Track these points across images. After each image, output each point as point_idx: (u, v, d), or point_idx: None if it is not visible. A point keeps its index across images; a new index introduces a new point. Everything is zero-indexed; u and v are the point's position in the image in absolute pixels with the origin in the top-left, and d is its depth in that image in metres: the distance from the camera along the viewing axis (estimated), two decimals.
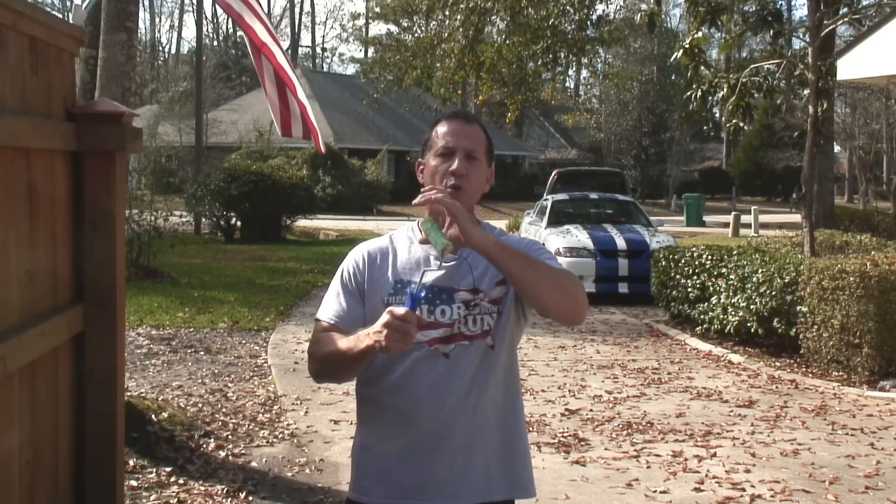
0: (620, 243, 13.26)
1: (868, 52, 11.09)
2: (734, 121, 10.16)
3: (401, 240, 2.42)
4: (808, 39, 10.77)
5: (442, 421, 2.28)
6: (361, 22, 63.38)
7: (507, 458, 2.36)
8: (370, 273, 2.37)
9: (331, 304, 2.39)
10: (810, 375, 8.15)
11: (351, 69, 68.04)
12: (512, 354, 2.40)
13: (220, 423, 6.35)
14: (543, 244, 2.48)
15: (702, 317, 9.85)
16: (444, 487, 2.30)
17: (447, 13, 22.17)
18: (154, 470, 5.18)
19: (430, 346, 2.29)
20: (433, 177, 2.32)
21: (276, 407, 6.92)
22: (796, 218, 24.24)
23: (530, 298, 2.20)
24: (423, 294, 2.17)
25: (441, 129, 2.35)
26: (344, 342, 2.23)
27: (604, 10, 40.83)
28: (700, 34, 9.92)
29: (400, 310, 2.05)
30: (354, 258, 2.41)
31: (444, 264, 2.32)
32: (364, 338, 2.15)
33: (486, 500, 2.32)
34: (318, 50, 77.53)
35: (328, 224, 26.26)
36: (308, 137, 6.20)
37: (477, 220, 2.28)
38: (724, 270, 9.56)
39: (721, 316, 9.41)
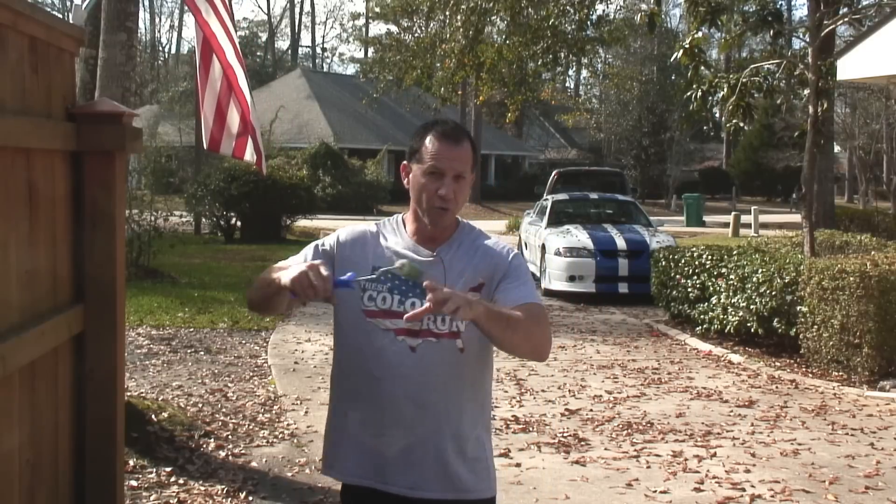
0: (620, 243, 13.27)
1: (868, 52, 11.09)
2: (734, 121, 10.15)
3: (386, 230, 2.53)
4: (808, 39, 10.76)
5: (404, 412, 2.38)
6: (361, 22, 63.38)
7: (463, 461, 2.43)
8: (350, 256, 2.47)
9: (300, 258, 2.50)
10: (810, 375, 8.15)
11: (351, 69, 68.13)
12: (483, 363, 2.48)
13: (220, 423, 6.35)
14: (522, 252, 2.50)
15: (702, 317, 9.85)
16: (400, 477, 2.40)
17: (447, 13, 22.16)
18: (154, 470, 5.18)
19: (397, 335, 2.39)
20: (421, 193, 2.42)
21: (276, 407, 6.92)
22: (796, 218, 24.24)
23: (503, 349, 2.33)
24: (354, 281, 2.28)
25: (431, 147, 2.41)
26: (276, 272, 2.33)
27: (604, 10, 40.82)
28: (700, 34, 9.91)
29: (325, 270, 2.17)
30: (335, 238, 2.54)
31: (422, 259, 2.42)
32: (285, 273, 2.23)
33: (436, 497, 2.41)
34: (318, 50, 77.59)
35: (328, 224, 26.22)
36: (241, 156, 6.26)
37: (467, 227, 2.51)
38: (724, 270, 9.56)
39: (721, 316, 9.41)
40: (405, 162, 2.50)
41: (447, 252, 2.45)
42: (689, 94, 10.32)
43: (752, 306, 8.89)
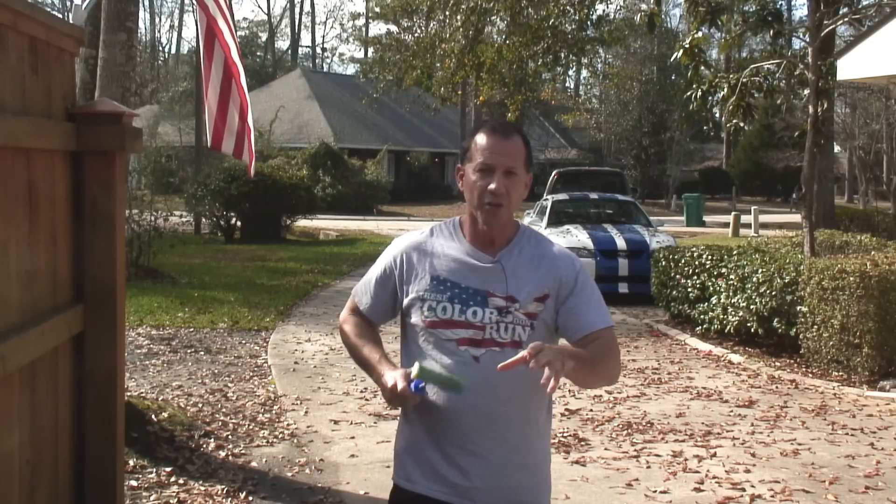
0: (620, 243, 13.26)
1: (868, 52, 11.08)
2: (734, 121, 10.15)
3: (441, 236, 2.47)
4: (808, 39, 10.76)
5: (470, 424, 2.33)
6: (361, 22, 63.41)
7: (525, 470, 2.39)
8: (409, 268, 2.43)
9: (367, 290, 2.53)
10: (810, 375, 8.15)
11: (351, 69, 68.13)
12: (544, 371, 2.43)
13: (220, 423, 6.35)
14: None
15: (702, 317, 9.84)
16: (461, 487, 2.35)
17: (447, 13, 22.18)
18: (154, 470, 5.18)
19: (458, 344, 2.34)
20: (472, 191, 2.37)
21: (276, 407, 6.92)
22: (796, 218, 24.24)
23: (578, 386, 2.44)
24: (422, 387, 2.26)
25: (481, 142, 2.37)
26: (366, 354, 2.43)
27: (604, 10, 40.84)
28: (700, 34, 9.91)
29: (402, 384, 2.22)
30: (394, 253, 2.48)
31: (482, 266, 2.38)
32: (379, 374, 2.33)
33: None
34: (318, 50, 77.60)
35: (328, 224, 26.25)
36: (239, 156, 6.30)
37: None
38: (724, 270, 9.55)
39: (721, 316, 9.41)
40: (459, 165, 2.46)
41: (508, 258, 2.39)
42: (689, 94, 10.32)
43: (752, 306, 8.89)
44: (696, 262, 10.12)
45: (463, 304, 2.35)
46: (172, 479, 5.10)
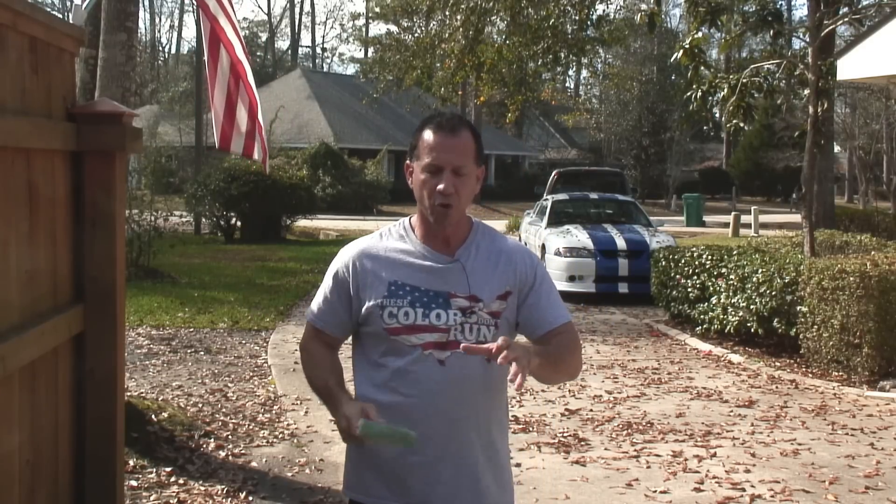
0: (620, 243, 13.27)
1: (868, 52, 11.09)
2: (734, 121, 10.15)
3: (392, 238, 2.41)
4: (808, 39, 10.76)
5: (436, 429, 2.28)
6: (361, 22, 63.42)
7: (492, 472, 2.37)
8: (363, 276, 2.36)
9: (321, 307, 2.43)
10: (810, 375, 8.15)
11: (351, 69, 68.14)
12: (506, 371, 2.37)
13: (220, 423, 6.35)
14: (543, 255, 2.49)
15: (702, 317, 9.84)
16: (428, 495, 2.31)
17: (447, 13, 22.16)
18: (154, 470, 5.18)
19: (424, 349, 2.29)
20: (422, 190, 2.31)
21: (276, 407, 6.92)
22: (796, 218, 24.24)
23: (541, 382, 2.43)
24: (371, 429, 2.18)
25: (427, 139, 2.30)
26: (324, 386, 2.37)
27: (604, 10, 40.85)
28: (700, 34, 9.91)
29: (354, 423, 2.16)
30: (344, 261, 2.41)
31: (441, 266, 2.33)
32: (334, 407, 2.29)
33: None
34: (318, 50, 77.60)
35: (328, 224, 26.25)
36: (250, 155, 6.29)
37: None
38: (724, 270, 9.55)
39: (721, 316, 9.41)
40: (407, 161, 2.38)
41: (467, 256, 2.34)
42: (689, 94, 10.32)
43: (752, 306, 8.89)
44: (696, 262, 10.12)
45: (425, 307, 2.29)
46: (172, 479, 5.10)
